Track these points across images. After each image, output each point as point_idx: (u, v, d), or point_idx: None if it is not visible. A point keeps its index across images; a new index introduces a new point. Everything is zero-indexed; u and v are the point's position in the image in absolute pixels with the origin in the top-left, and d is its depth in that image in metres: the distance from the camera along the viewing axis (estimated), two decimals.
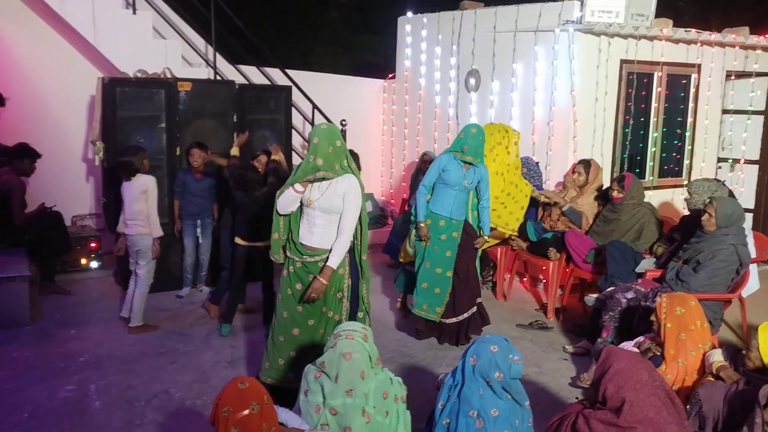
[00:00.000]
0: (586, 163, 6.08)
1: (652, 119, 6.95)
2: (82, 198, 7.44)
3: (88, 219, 7.33)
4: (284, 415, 2.78)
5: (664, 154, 7.14)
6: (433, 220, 5.06)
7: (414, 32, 8.33)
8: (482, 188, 5.05)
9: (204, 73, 7.27)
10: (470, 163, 4.91)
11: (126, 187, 5.15)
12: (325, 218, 3.70)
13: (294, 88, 7.15)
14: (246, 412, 2.41)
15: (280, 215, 3.80)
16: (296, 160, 7.54)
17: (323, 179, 3.65)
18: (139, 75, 6.38)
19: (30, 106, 7.04)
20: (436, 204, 5.05)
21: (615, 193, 5.59)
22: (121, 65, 6.68)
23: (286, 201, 3.71)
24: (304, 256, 3.75)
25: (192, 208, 5.98)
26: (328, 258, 3.69)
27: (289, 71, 7.55)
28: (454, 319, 5.12)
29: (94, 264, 6.71)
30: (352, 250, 3.81)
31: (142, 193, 5.11)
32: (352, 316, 3.86)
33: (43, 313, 5.57)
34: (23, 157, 5.89)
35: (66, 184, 7.22)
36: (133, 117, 6.00)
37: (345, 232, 3.68)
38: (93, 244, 6.72)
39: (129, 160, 5.12)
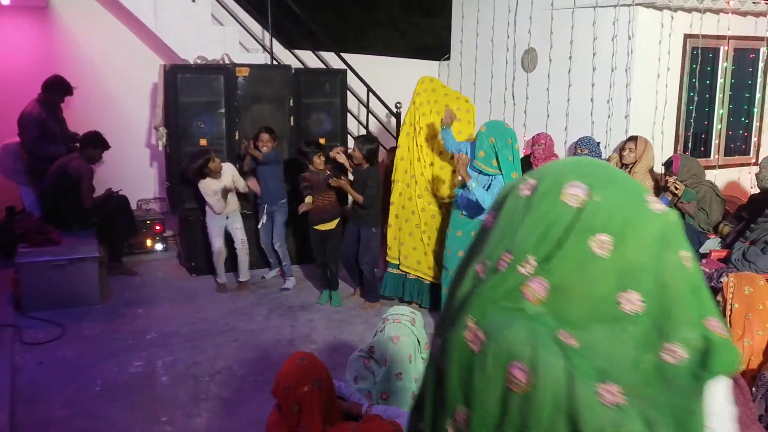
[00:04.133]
0: (634, 139, 5.80)
1: (718, 96, 6.69)
2: (146, 182, 7.68)
3: (153, 203, 7.56)
4: (342, 389, 2.84)
5: (730, 132, 6.87)
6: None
7: (468, 12, 8.22)
8: None
9: (261, 58, 7.37)
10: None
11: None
12: None
13: (349, 72, 7.18)
14: (306, 388, 2.47)
15: None
16: (350, 144, 7.57)
17: None
18: (199, 61, 6.53)
19: (96, 94, 7.28)
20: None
21: (667, 178, 5.43)
22: (182, 52, 6.84)
23: None
24: None
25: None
26: None
27: (344, 55, 7.58)
28: None
29: (158, 246, 6.94)
30: None
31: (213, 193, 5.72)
32: None
33: (112, 292, 5.81)
34: (96, 146, 6.13)
35: (131, 169, 7.46)
36: (193, 102, 6.15)
37: None
38: (157, 227, 6.95)
39: (191, 167, 5.70)
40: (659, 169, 6.51)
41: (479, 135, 4.73)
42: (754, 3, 6.43)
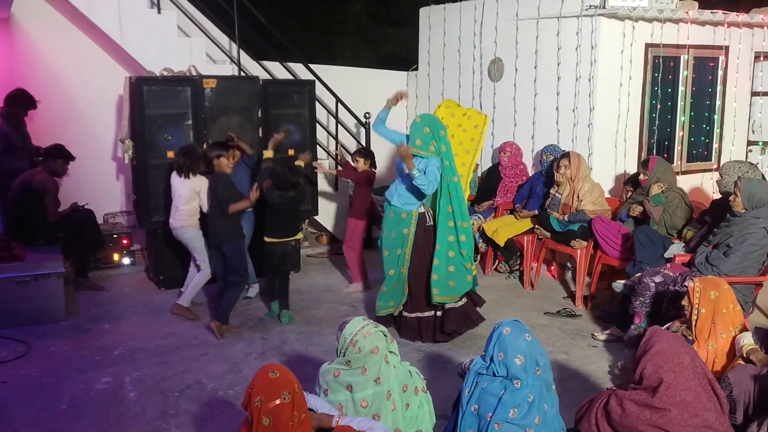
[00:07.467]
0: (567, 155, 5.97)
1: (679, 103, 6.85)
2: (113, 196, 7.58)
3: (120, 216, 7.46)
4: (313, 401, 2.83)
5: (692, 139, 7.03)
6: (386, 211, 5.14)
7: (435, 23, 8.31)
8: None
9: (228, 69, 7.34)
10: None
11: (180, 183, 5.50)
12: None
13: (317, 82, 7.19)
14: (278, 401, 2.46)
15: None
16: (321, 154, 7.58)
17: None
18: (165, 73, 6.48)
19: (60, 108, 7.18)
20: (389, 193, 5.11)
21: (641, 176, 5.59)
22: (148, 64, 6.78)
23: None
24: None
25: None
26: None
27: (312, 65, 7.58)
28: (411, 315, 5.07)
29: (126, 260, 6.84)
30: None
31: (194, 192, 5.51)
32: None
33: (78, 308, 5.70)
34: (57, 157, 6.02)
35: (97, 183, 7.37)
36: (160, 115, 6.09)
37: None
38: (125, 241, 6.84)
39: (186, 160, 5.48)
40: (630, 168, 6.65)
41: (414, 125, 4.96)
42: (712, 13, 6.62)
